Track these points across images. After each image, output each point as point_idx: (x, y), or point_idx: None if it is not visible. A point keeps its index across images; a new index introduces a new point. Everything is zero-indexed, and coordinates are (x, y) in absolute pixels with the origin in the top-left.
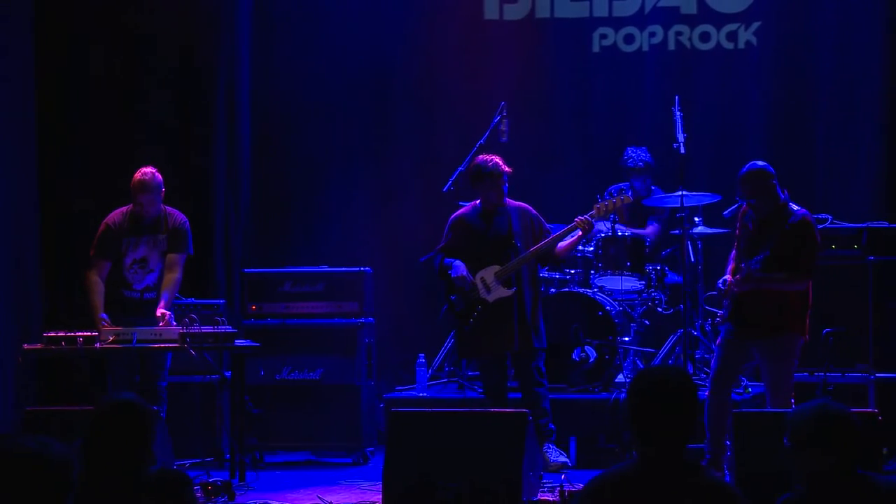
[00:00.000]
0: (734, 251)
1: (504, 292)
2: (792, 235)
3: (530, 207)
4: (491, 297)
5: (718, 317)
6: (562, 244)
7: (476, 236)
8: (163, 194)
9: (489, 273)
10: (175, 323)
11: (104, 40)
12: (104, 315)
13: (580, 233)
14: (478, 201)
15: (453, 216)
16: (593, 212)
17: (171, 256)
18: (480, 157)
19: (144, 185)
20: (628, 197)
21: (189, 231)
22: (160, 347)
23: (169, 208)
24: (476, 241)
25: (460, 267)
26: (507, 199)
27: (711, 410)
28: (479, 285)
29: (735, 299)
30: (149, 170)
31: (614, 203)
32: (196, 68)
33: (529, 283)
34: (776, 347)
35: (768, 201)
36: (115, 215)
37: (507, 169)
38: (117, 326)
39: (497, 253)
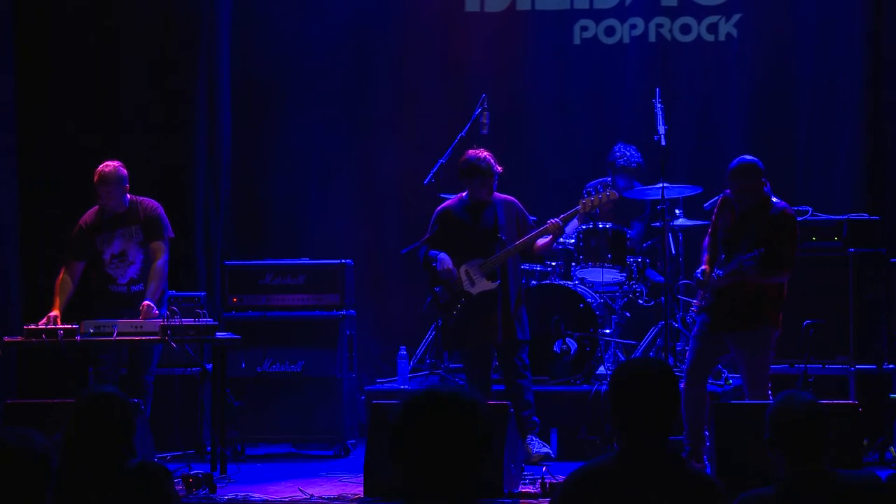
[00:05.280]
0: (707, 240)
1: (488, 285)
2: (773, 228)
3: (516, 201)
4: (475, 290)
5: (693, 308)
6: (540, 241)
7: (462, 229)
8: (127, 188)
9: (474, 266)
10: (166, 313)
11: (81, 27)
12: (55, 314)
13: (550, 236)
14: (464, 193)
15: (439, 208)
16: (579, 207)
17: (151, 245)
18: (471, 152)
19: (103, 177)
20: (615, 193)
21: (162, 215)
22: (141, 340)
23: (139, 198)
24: (462, 233)
25: (446, 260)
26: (495, 193)
27: (689, 402)
28: (464, 278)
29: (714, 291)
30: (111, 163)
31: (600, 199)
32: (175, 59)
33: (513, 277)
34: (751, 340)
35: (755, 196)
36: (88, 214)
37: (498, 168)
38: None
39: (482, 246)
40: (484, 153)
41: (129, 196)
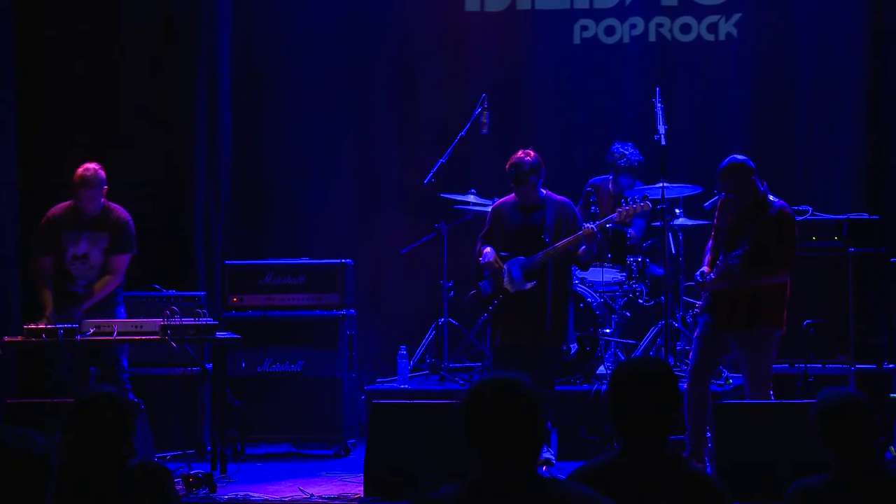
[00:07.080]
0: (710, 242)
1: (525, 285)
2: (770, 227)
3: (571, 204)
4: (513, 289)
5: (696, 308)
6: (582, 248)
7: (509, 226)
8: (105, 192)
9: (515, 264)
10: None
11: (81, 27)
12: (52, 313)
13: (584, 242)
14: None
15: (495, 203)
16: (615, 216)
17: (113, 257)
18: (521, 153)
19: (85, 180)
20: (648, 204)
21: (132, 230)
22: (141, 339)
23: (112, 205)
24: (509, 231)
25: (489, 254)
26: (550, 193)
27: (691, 402)
28: (505, 275)
29: (712, 292)
30: (92, 166)
31: (635, 209)
32: (175, 59)
33: (554, 280)
34: (753, 340)
35: (748, 194)
36: (57, 209)
37: (534, 177)
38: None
39: (526, 245)
40: (529, 157)
41: (102, 200)
